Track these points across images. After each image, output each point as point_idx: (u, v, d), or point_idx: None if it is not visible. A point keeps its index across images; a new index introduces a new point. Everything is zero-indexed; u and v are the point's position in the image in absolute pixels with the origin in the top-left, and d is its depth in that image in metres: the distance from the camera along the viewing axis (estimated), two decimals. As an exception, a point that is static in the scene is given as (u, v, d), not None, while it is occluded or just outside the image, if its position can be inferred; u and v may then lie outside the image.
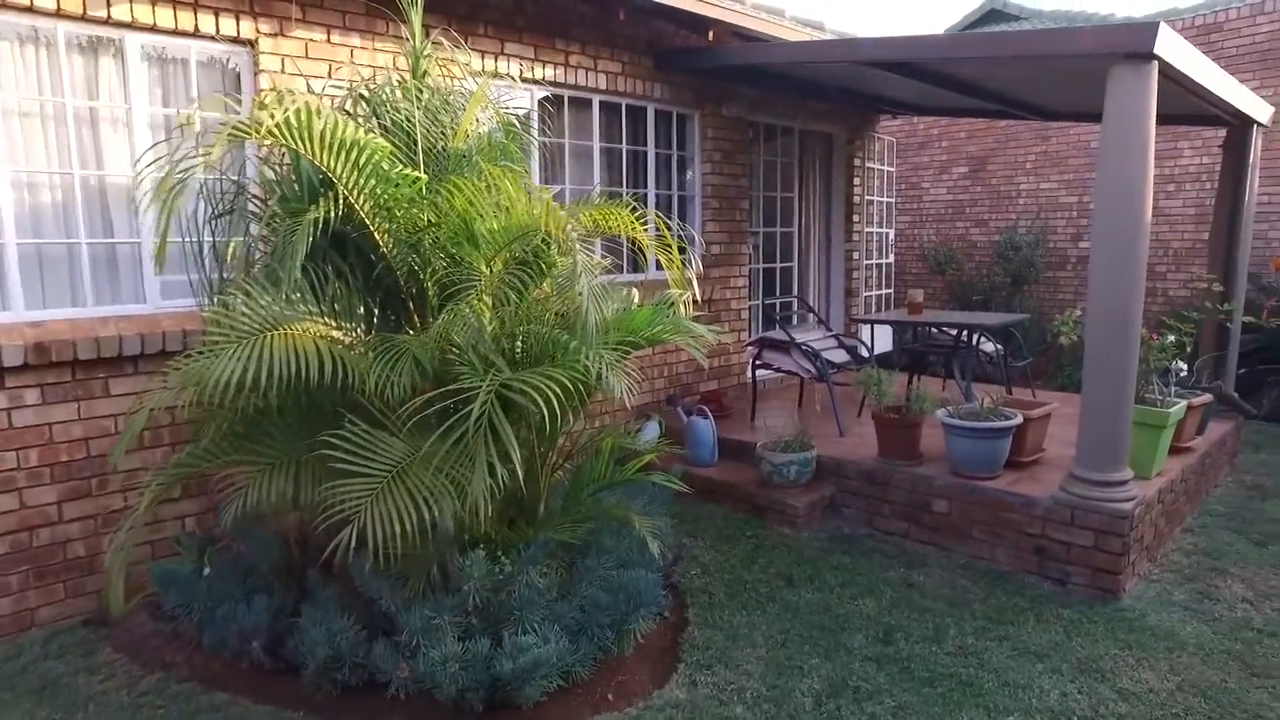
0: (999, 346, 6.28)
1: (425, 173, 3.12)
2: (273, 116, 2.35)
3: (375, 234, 2.95)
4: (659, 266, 3.44)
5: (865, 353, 6.19)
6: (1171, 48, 3.70)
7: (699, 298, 3.55)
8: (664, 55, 5.94)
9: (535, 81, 5.32)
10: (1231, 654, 3.43)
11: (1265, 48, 8.07)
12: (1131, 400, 3.90)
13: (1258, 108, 5.56)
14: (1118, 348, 3.83)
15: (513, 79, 5.08)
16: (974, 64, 4.91)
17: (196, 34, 3.87)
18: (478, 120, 3.57)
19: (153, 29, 3.75)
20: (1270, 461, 6.12)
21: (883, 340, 7.08)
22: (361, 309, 3.04)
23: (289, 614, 3.26)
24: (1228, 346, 5.94)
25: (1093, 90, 4.96)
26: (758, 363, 5.98)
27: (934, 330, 6.53)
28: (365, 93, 3.57)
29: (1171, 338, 4.46)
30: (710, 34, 5.84)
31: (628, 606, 3.23)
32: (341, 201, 2.70)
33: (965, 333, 5.90)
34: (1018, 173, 9.89)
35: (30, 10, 3.45)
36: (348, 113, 3.47)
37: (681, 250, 3.53)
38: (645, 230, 3.41)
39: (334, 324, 2.85)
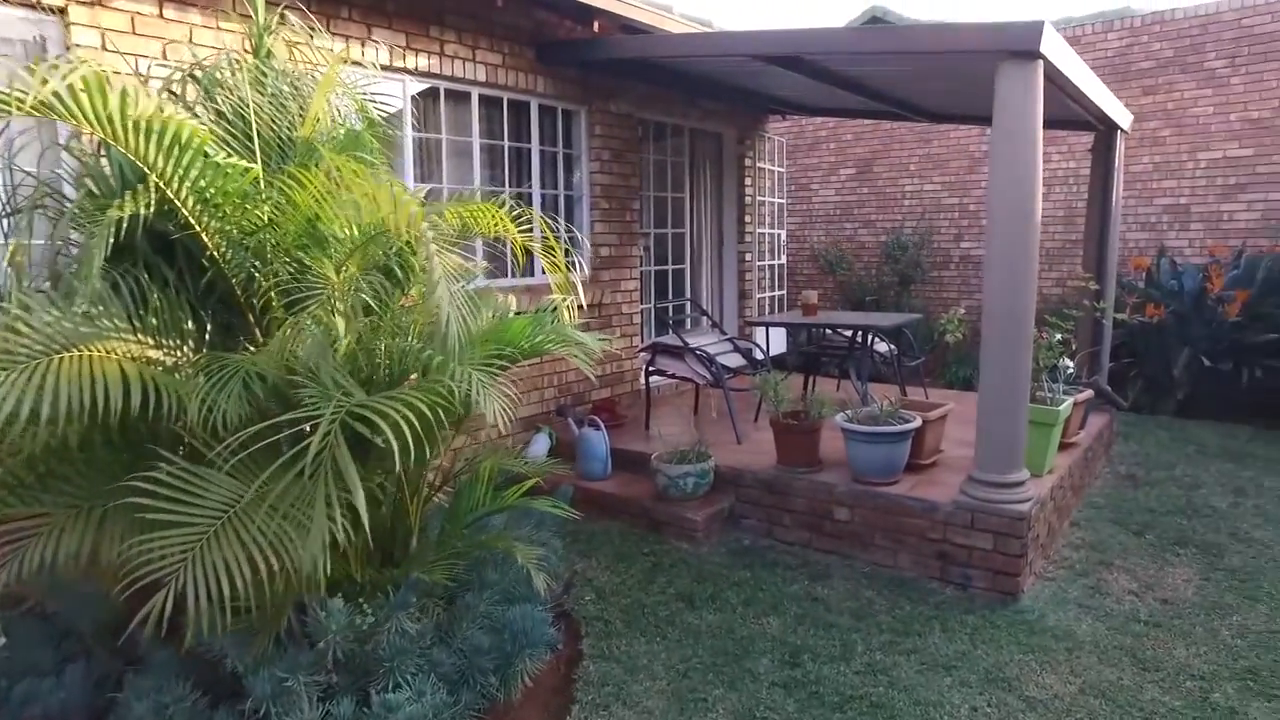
0: (892, 346, 6.29)
1: (267, 164, 2.70)
2: (45, 83, 1.90)
3: (204, 235, 2.51)
4: (546, 271, 3.13)
5: (761, 355, 6.07)
6: (1055, 47, 3.70)
7: (586, 302, 3.27)
8: (547, 47, 5.63)
9: (408, 71, 4.91)
10: (1124, 649, 3.44)
11: (1116, 62, 8.52)
12: (1027, 400, 3.88)
13: (1121, 113, 5.77)
14: (1013, 348, 3.80)
15: (379, 67, 4.65)
16: (866, 59, 4.86)
17: (-15, -1, 3.29)
18: (333, 108, 3.16)
19: (-78, -11, 3.15)
20: (1139, 451, 6.39)
21: (776, 342, 7.03)
22: (191, 323, 2.59)
23: (114, 684, 2.76)
24: (1102, 342, 6.15)
25: (974, 92, 4.98)
26: (651, 369, 5.76)
27: (828, 332, 6.49)
28: (198, 74, 3.10)
29: (1059, 336, 4.51)
30: (595, 25, 5.58)
31: (513, 647, 2.91)
32: (155, 195, 2.26)
33: (860, 334, 5.87)
34: (902, 175, 10.12)
35: None
36: (174, 94, 2.99)
37: (567, 253, 3.24)
38: (526, 231, 3.11)
39: (152, 342, 2.39)
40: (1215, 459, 6.18)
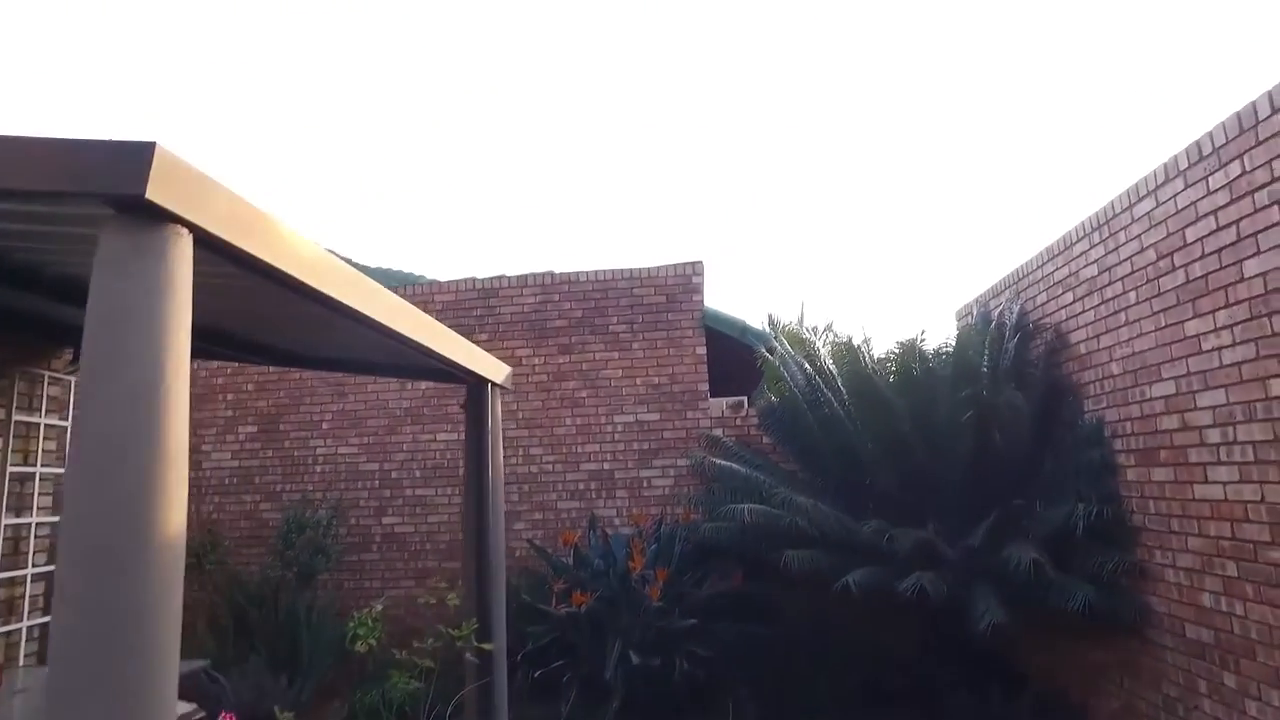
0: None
1: None
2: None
3: None
4: None
5: None
6: (215, 204, 2.00)
7: None
8: None
9: None
10: None
11: (534, 318, 8.08)
12: None
13: (487, 364, 4.59)
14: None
15: None
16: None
17: None
18: None
19: None
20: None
21: None
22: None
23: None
24: (493, 671, 4.47)
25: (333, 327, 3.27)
26: None
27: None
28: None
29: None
30: None
31: None
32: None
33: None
34: (313, 434, 8.17)
35: None
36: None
37: None
38: None
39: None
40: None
